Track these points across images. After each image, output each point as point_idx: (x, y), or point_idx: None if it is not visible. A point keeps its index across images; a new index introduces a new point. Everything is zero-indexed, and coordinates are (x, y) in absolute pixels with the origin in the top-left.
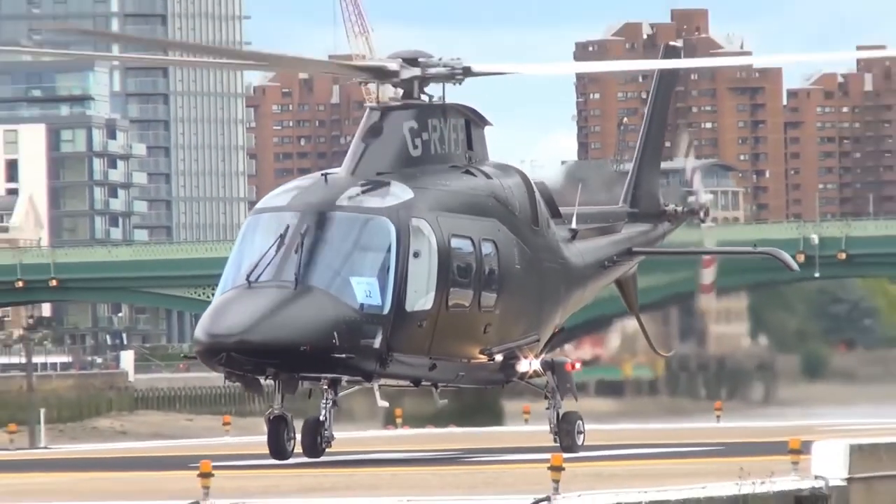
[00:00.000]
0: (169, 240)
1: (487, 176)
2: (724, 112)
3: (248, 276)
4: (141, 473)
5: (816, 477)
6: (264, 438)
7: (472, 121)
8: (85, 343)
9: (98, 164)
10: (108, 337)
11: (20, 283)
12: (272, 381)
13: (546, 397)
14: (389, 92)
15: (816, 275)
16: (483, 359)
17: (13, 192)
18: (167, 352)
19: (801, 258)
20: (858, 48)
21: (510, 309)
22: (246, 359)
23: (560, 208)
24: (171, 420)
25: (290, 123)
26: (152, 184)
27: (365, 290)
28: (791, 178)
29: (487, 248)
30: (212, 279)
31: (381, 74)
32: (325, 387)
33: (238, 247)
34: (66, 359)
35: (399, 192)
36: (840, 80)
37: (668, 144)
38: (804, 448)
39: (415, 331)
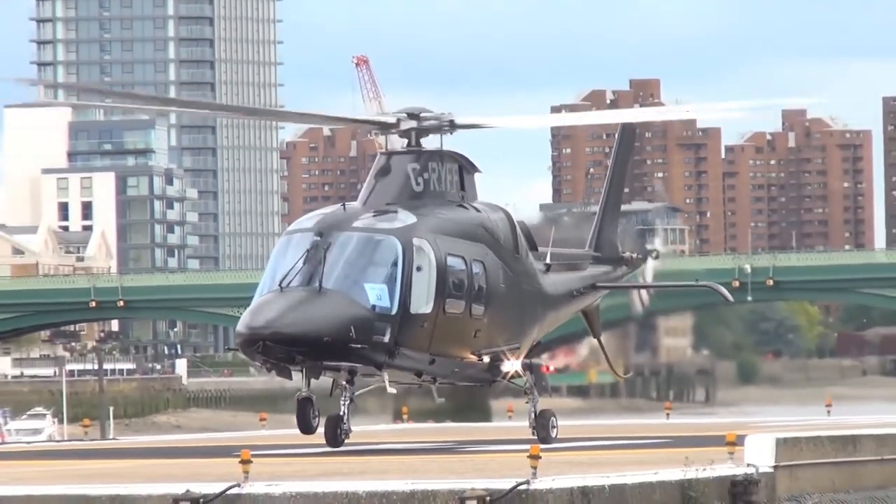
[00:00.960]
0: (216, 268)
1: (477, 210)
2: (672, 164)
3: (281, 283)
4: (192, 460)
5: (749, 465)
6: (295, 426)
7: (464, 167)
8: (146, 353)
9: (158, 205)
10: (165, 347)
11: (93, 304)
12: (300, 369)
13: (525, 394)
14: (397, 143)
15: (749, 298)
16: (474, 359)
17: (88, 229)
18: (214, 360)
19: (737, 284)
20: (783, 111)
21: (495, 319)
22: (279, 347)
23: (538, 248)
24: (218, 416)
25: (316, 172)
26: (202, 222)
27: (376, 294)
28: (728, 218)
29: (477, 268)
30: (251, 300)
31: (384, 126)
32: (345, 383)
33: (272, 261)
34: (130, 366)
35: (404, 218)
36: (768, 137)
37: (626, 190)
38: (739, 441)
39: (417, 330)
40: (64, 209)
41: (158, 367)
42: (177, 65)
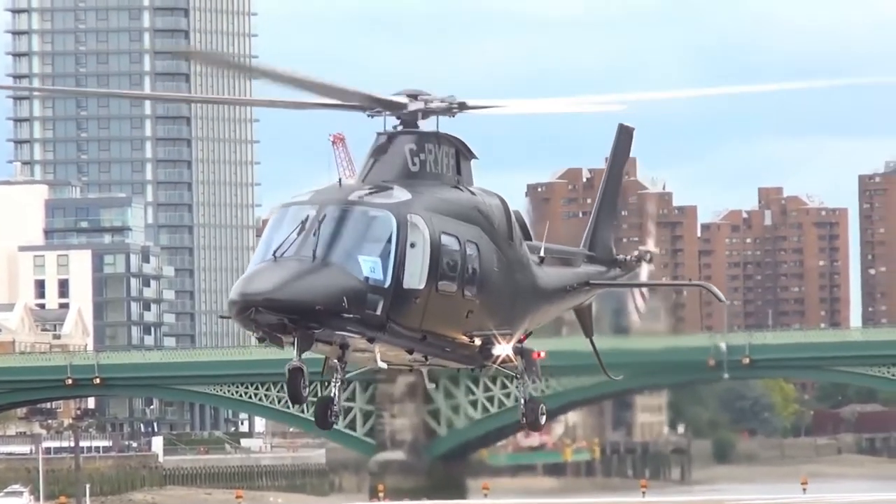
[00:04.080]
0: (192, 346)
1: (472, 193)
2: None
3: (275, 253)
4: None
5: None
6: None
7: (461, 151)
8: (123, 430)
9: (134, 283)
10: (141, 425)
11: (70, 381)
12: (292, 338)
13: (516, 378)
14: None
15: (725, 376)
16: (465, 340)
17: (65, 306)
18: (191, 438)
19: (712, 362)
20: (760, 189)
21: (488, 302)
22: (272, 314)
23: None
24: (194, 494)
25: None
26: (179, 299)
27: (370, 267)
28: (704, 296)
29: (471, 249)
30: (229, 378)
31: (391, 106)
32: (336, 361)
33: (266, 233)
34: (107, 443)
35: (400, 194)
36: (744, 216)
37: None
38: None
39: (410, 304)
40: (41, 286)
41: (135, 444)
42: (154, 164)
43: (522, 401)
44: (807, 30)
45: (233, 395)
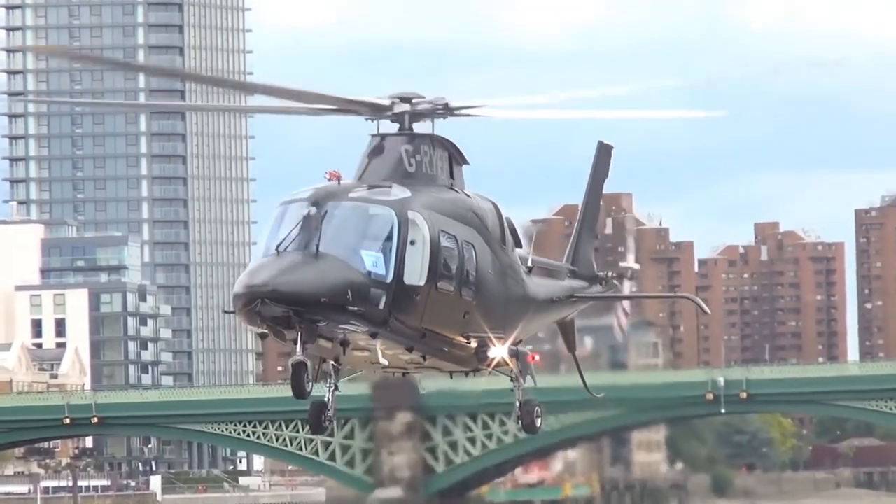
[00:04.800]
0: (190, 384)
1: (467, 195)
2: (646, 278)
3: (278, 247)
4: None
5: None
6: None
7: (454, 156)
8: (121, 469)
9: (131, 322)
10: (140, 464)
11: (67, 420)
12: (296, 332)
13: (512, 380)
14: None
15: (723, 410)
16: (462, 341)
17: (62, 346)
18: (189, 476)
19: (710, 397)
20: (756, 224)
21: (484, 304)
22: (276, 305)
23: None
24: None
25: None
26: (176, 338)
27: (372, 261)
28: (701, 332)
29: (468, 250)
30: (226, 416)
31: (377, 109)
32: (332, 364)
33: (268, 230)
34: (105, 482)
35: (399, 192)
36: (741, 251)
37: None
38: None
39: (411, 301)
40: (37, 326)
41: (133, 483)
42: (150, 202)
43: (518, 403)
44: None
45: (231, 433)
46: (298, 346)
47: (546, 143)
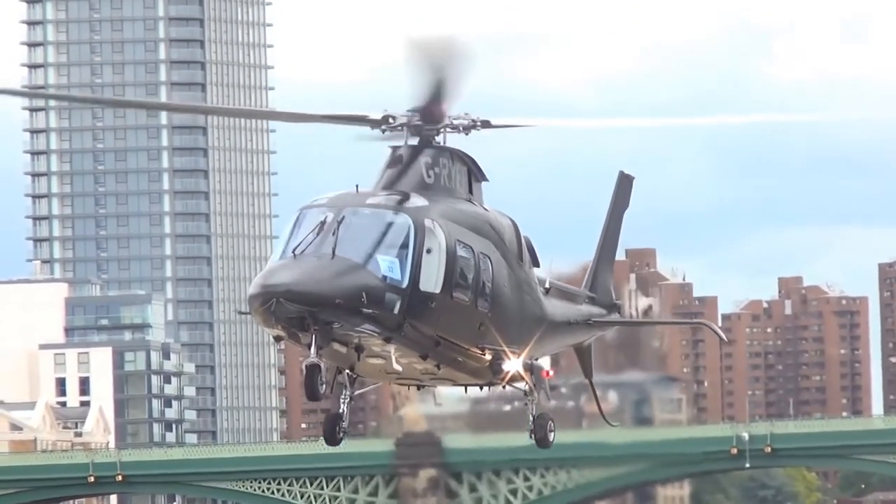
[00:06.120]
0: (214, 442)
1: (485, 209)
2: (669, 333)
3: (294, 250)
4: None
5: None
6: None
7: (473, 171)
8: None
9: (155, 380)
10: None
11: (92, 479)
12: (311, 335)
13: (525, 394)
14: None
15: (747, 465)
16: (477, 352)
17: (86, 404)
18: None
19: (735, 451)
20: (780, 279)
21: (499, 317)
22: (292, 305)
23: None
24: None
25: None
26: (200, 396)
27: (388, 266)
28: (725, 387)
29: (484, 262)
30: (250, 474)
31: (392, 123)
32: (345, 379)
33: (286, 233)
34: None
35: (417, 201)
36: (765, 305)
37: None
38: None
39: (426, 307)
40: (62, 384)
41: None
42: (173, 261)
43: (531, 418)
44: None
45: (255, 490)
46: (312, 349)
47: (573, 196)
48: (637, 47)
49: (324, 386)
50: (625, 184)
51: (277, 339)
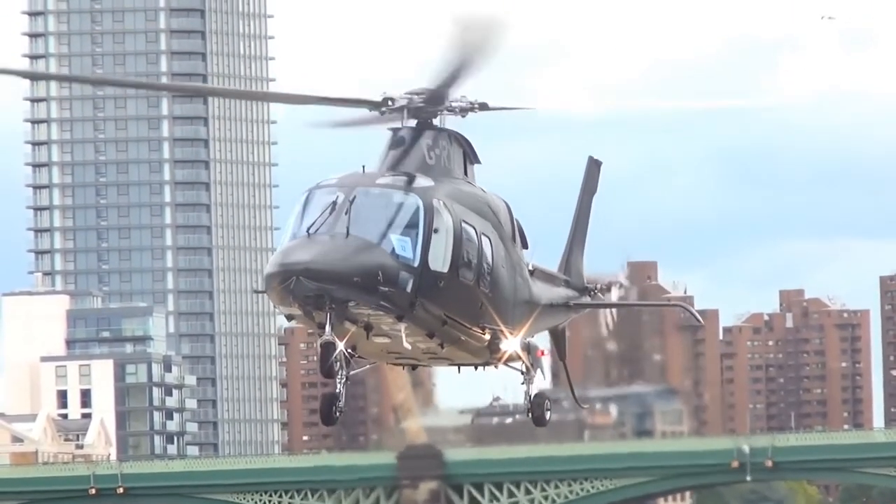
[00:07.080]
0: (215, 454)
1: (483, 190)
2: (670, 347)
3: (308, 230)
4: None
5: None
6: None
7: (468, 153)
8: None
9: (157, 392)
10: None
11: (93, 491)
12: (326, 313)
13: (522, 373)
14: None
15: (748, 478)
16: (478, 331)
17: (87, 416)
18: None
19: (736, 464)
20: (781, 291)
21: (497, 297)
22: (311, 283)
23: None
24: None
25: (315, 358)
26: (201, 408)
27: (401, 245)
28: (727, 399)
29: (486, 243)
30: (252, 486)
31: (393, 105)
32: (343, 359)
33: (297, 213)
34: None
35: (423, 181)
36: (766, 318)
37: None
38: None
39: (436, 286)
40: (63, 397)
41: None
42: (175, 273)
43: (528, 397)
44: (825, 131)
45: (257, 503)
46: (327, 327)
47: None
48: (643, 60)
49: (337, 363)
50: (593, 169)
51: (289, 318)
